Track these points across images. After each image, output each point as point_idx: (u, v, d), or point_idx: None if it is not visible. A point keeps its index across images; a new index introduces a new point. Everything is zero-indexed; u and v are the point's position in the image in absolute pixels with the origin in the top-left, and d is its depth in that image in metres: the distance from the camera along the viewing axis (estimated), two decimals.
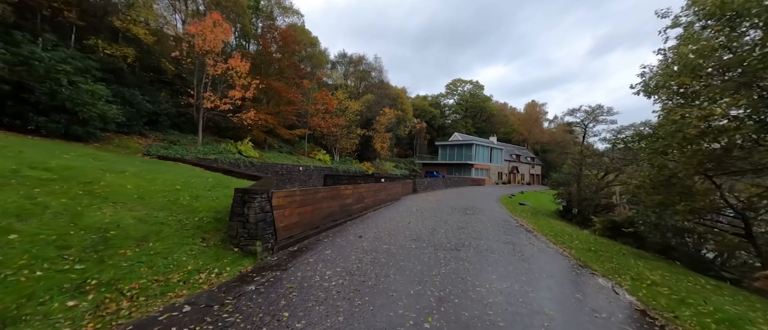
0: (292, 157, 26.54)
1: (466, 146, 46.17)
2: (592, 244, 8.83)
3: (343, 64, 52.58)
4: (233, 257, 5.18)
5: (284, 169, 22.78)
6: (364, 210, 12.38)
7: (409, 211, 13.68)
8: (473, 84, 74.82)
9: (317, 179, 26.44)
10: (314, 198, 8.02)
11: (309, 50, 36.47)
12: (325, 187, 8.52)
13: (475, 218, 12.68)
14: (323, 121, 30.61)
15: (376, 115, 42.53)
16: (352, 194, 11.17)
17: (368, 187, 13.20)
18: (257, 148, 24.37)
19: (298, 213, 7.16)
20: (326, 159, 31.57)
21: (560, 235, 10.14)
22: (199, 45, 16.37)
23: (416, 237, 8.36)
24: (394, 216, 11.96)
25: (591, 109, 20.11)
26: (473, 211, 15.12)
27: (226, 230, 5.80)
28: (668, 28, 8.12)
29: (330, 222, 9.14)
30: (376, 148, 41.66)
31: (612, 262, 6.90)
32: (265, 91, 24.06)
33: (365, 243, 7.36)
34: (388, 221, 10.76)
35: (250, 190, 5.54)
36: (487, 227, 10.79)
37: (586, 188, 18.14)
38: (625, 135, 11.13)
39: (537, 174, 63.65)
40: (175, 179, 8.81)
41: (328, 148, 36.20)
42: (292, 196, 6.89)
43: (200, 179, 9.84)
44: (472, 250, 7.31)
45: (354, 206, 11.28)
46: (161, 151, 14.79)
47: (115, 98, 13.93)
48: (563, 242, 8.89)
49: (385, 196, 16.13)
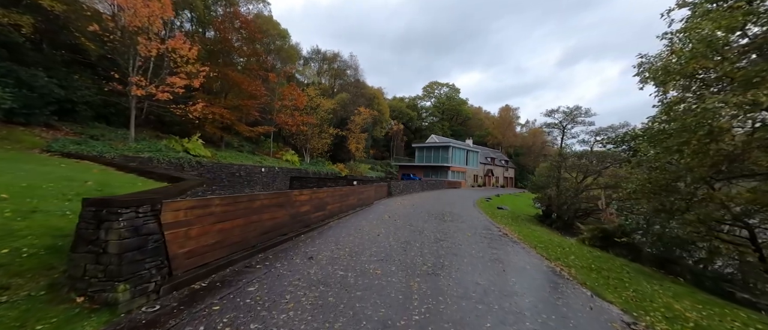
0: (254, 158, 23.85)
1: (443, 148, 45.46)
2: (591, 261, 7.57)
3: (316, 60, 50.12)
4: (69, 315, 3.08)
5: (243, 170, 20.15)
6: (327, 219, 10.44)
7: (380, 218, 11.92)
8: (449, 87, 75.14)
9: (282, 182, 23.97)
10: (248, 208, 6.00)
11: (277, 43, 33.81)
12: (267, 193, 6.50)
13: (454, 226, 11.20)
14: (291, 118, 28.10)
15: (350, 115, 40.55)
16: (310, 200, 9.20)
17: (333, 192, 11.28)
18: (212, 146, 21.51)
19: (218, 230, 5.12)
20: (294, 160, 29.06)
21: (550, 247, 8.85)
22: (129, 20, 13.50)
23: (384, 256, 6.60)
24: (362, 225, 10.14)
25: (569, 110, 19.68)
26: (451, 217, 13.68)
27: (65, 268, 3.66)
28: (671, 9, 7.08)
29: (277, 237, 7.14)
30: (351, 149, 39.64)
31: (625, 288, 5.57)
32: (221, 82, 21.31)
33: (315, 269, 5.47)
34: (354, 233, 8.92)
35: (113, 203, 3.46)
36: (468, 238, 9.29)
37: (565, 191, 17.45)
38: (610, 136, 10.14)
39: (511, 177, 64.77)
40: (13, 182, 6.33)
41: (298, 149, 33.65)
42: (207, 207, 4.85)
43: (72, 183, 7.32)
44: (454, 274, 5.67)
45: (312, 215, 9.32)
46: (70, 147, 11.80)
47: (5, 78, 10.85)
48: (557, 257, 7.54)
49: (356, 201, 14.27)
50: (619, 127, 15.36)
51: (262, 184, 21.66)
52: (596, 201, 15.84)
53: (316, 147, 33.95)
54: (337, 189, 11.91)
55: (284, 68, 34.32)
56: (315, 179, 25.74)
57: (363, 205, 15.47)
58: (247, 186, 20.21)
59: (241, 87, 21.22)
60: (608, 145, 10.35)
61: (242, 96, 21.67)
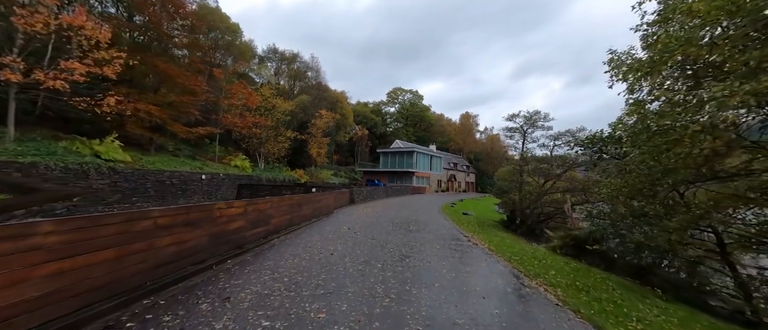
0: (193, 163, 20.60)
1: (408, 154, 45.01)
2: (573, 276, 6.77)
3: (274, 60, 46.97)
4: None
5: (176, 178, 17.05)
6: (270, 235, 8.55)
7: (337, 231, 10.30)
8: (413, 93, 76.02)
9: (229, 190, 21.06)
10: (126, 232, 4.06)
11: (227, 38, 30.54)
12: (166, 208, 4.58)
13: (420, 237, 9.99)
14: (241, 119, 25.16)
15: (311, 118, 38.22)
16: (245, 214, 7.30)
17: (279, 202, 9.41)
18: (138, 149, 18.04)
19: (54, 273, 3.17)
20: (245, 165, 26.07)
21: (526, 259, 7.99)
22: None
23: (335, 286, 5.05)
24: (314, 242, 8.44)
25: (529, 114, 19.95)
26: (417, 226, 12.52)
27: None
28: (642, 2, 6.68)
29: (188, 267, 5.20)
30: (312, 154, 37.20)
31: (625, 315, 4.68)
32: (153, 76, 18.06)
33: (226, 320, 3.74)
34: (302, 252, 7.22)
35: None
36: (437, 251, 8.09)
37: (528, 196, 17.39)
38: (577, 138, 9.79)
39: (472, 181, 66.85)
40: None
41: (251, 153, 30.49)
42: (23, 238, 2.91)
43: None
44: (424, 309, 4.32)
45: (248, 233, 7.41)
46: None
47: None
48: (537, 274, 6.62)
49: (311, 212, 12.45)
50: (577, 131, 15.76)
51: (202, 193, 18.64)
52: (562, 205, 15.90)
53: (272, 152, 31.07)
54: (286, 198, 10.05)
55: (234, 65, 31.15)
56: (268, 187, 23.17)
57: (320, 216, 13.69)
58: (183, 196, 17.14)
59: (175, 81, 18.11)
60: (576, 148, 9.95)
61: (178, 91, 18.54)
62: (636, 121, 6.12)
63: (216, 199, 19.91)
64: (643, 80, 5.97)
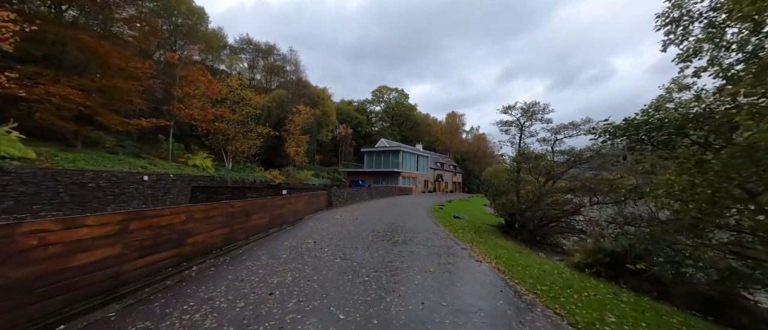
0: (136, 162, 17.19)
1: (393, 153, 42.62)
2: (639, 320, 4.45)
3: (247, 52, 43.37)
4: None
5: (104, 179, 13.70)
6: (184, 263, 5.78)
7: (297, 248, 7.64)
8: (399, 92, 73.92)
9: (180, 194, 17.81)
10: None
11: (187, 22, 27.01)
12: None
13: (408, 253, 7.52)
14: (200, 111, 21.82)
15: (289, 114, 35.12)
16: (125, 234, 4.54)
17: (207, 211, 6.65)
18: (59, 144, 14.58)
19: None
20: (207, 165, 22.75)
21: (556, 287, 5.65)
22: None
23: None
24: (255, 269, 5.77)
25: (527, 106, 18.00)
26: (404, 235, 10.07)
27: None
28: None
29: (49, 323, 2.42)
30: (290, 152, 34.08)
31: None
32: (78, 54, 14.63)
33: None
34: (221, 293, 4.56)
35: None
36: (431, 277, 5.59)
37: (529, 195, 15.32)
38: (604, 126, 7.60)
39: (459, 181, 65.40)
40: None
41: (217, 151, 27.09)
42: None
43: None
44: None
45: (127, 266, 4.65)
46: None
47: None
48: (591, 322, 4.24)
49: (266, 221, 9.71)
50: (582, 123, 13.95)
51: (143, 198, 15.34)
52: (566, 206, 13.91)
53: (242, 149, 27.76)
54: (222, 205, 7.26)
55: (199, 54, 27.68)
56: (231, 189, 20.07)
57: (283, 224, 10.97)
58: (115, 202, 13.85)
59: (108, 61, 14.71)
60: (600, 137, 7.76)
61: (112, 74, 15.15)
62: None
63: (165, 204, 16.68)
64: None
